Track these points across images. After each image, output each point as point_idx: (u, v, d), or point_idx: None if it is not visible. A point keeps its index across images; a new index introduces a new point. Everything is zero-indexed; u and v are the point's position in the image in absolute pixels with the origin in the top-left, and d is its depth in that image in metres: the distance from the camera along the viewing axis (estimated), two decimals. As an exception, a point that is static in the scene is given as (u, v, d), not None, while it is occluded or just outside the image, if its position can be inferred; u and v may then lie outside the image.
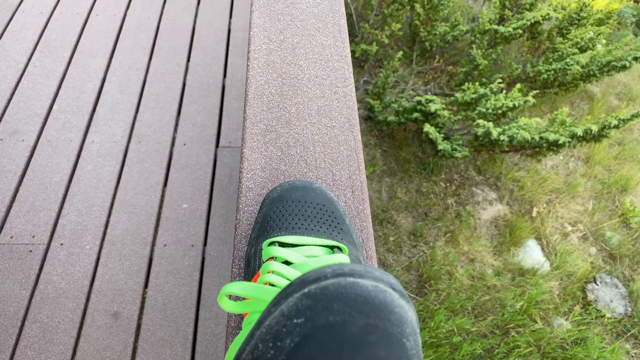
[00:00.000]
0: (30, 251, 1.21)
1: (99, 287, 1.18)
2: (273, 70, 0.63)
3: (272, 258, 0.44)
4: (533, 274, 2.58)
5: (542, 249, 2.72)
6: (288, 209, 0.49)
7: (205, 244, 1.28)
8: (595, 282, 2.63)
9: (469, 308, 2.43)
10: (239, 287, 0.34)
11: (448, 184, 2.88)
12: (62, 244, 1.23)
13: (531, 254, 2.68)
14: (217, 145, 1.45)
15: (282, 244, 0.47)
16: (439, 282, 2.51)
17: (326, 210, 0.50)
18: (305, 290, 0.26)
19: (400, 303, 0.26)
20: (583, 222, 2.86)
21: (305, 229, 0.48)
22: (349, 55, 0.66)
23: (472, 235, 2.71)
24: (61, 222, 1.27)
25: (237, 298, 0.53)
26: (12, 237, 1.23)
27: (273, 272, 0.41)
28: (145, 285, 1.20)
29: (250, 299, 0.37)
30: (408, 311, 0.26)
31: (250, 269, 0.48)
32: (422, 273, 2.53)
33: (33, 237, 1.23)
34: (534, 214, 2.84)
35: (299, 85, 0.61)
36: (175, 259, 1.24)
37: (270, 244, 0.46)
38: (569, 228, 2.83)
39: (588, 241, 2.79)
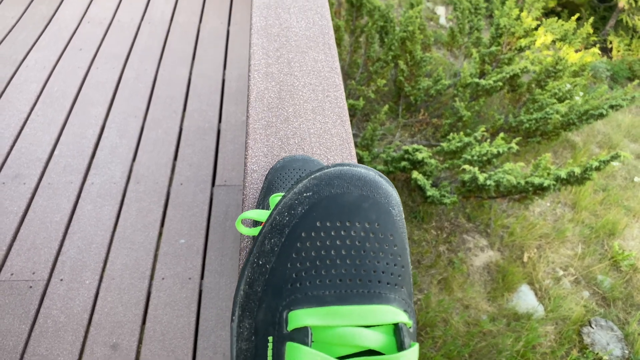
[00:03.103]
0: (31, 287, 1.23)
1: (98, 319, 1.19)
2: (272, 79, 0.69)
3: None
4: (528, 319, 2.58)
5: (536, 294, 2.73)
6: (290, 175, 0.55)
7: (202, 277, 1.30)
8: (591, 326, 2.63)
9: (466, 355, 2.41)
10: (255, 213, 0.39)
11: (439, 232, 2.92)
12: (61, 280, 1.25)
13: (525, 299, 2.70)
14: (213, 184, 1.50)
15: None
16: (434, 329, 2.51)
17: None
18: (312, 175, 0.33)
19: (386, 184, 0.33)
20: (574, 266, 2.89)
21: None
22: (339, 67, 0.73)
23: (466, 281, 2.72)
24: (61, 259, 1.29)
25: (251, 226, 0.57)
26: (12, 274, 1.25)
27: None
28: (144, 318, 1.21)
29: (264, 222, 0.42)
30: (393, 191, 0.33)
31: (258, 224, 0.53)
32: (417, 321, 2.52)
33: (33, 273, 1.25)
34: (525, 259, 2.88)
35: (295, 90, 0.68)
36: (173, 292, 1.26)
37: (277, 197, 0.51)
38: (561, 272, 2.85)
39: (580, 285, 2.82)
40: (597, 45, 4.73)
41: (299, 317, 0.29)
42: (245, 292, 0.34)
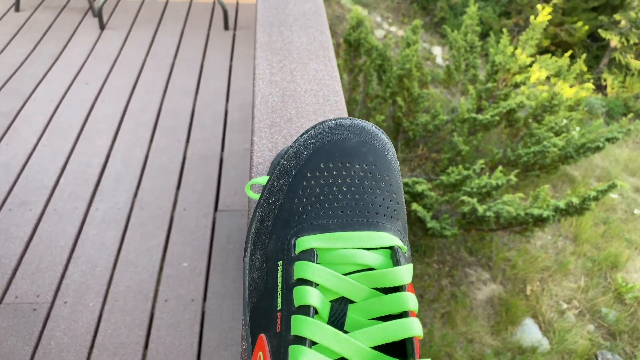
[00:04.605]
0: (35, 309, 1.23)
1: (101, 341, 1.19)
2: (275, 85, 0.73)
3: None
4: (533, 352, 2.55)
5: (540, 327, 2.71)
6: None
7: (205, 299, 1.31)
8: (597, 359, 2.59)
9: (471, 389, 2.37)
10: (264, 179, 0.42)
11: (441, 265, 2.92)
12: (65, 302, 1.26)
13: (529, 333, 2.67)
14: (215, 210, 1.52)
15: None
16: (439, 363, 2.47)
17: None
18: (315, 127, 0.37)
19: (381, 134, 0.37)
20: (577, 299, 2.87)
21: None
22: (338, 76, 0.77)
23: (469, 315, 2.70)
24: (65, 282, 1.30)
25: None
26: (16, 297, 1.26)
27: None
28: (147, 339, 1.21)
29: None
30: (388, 140, 0.37)
31: None
32: (420, 355, 2.49)
33: (37, 296, 1.26)
34: (528, 292, 2.86)
35: (297, 95, 0.72)
36: (176, 314, 1.26)
37: None
38: (564, 305, 2.83)
39: (585, 318, 2.79)
40: (591, 81, 4.83)
41: (306, 242, 0.32)
42: (256, 229, 0.38)
